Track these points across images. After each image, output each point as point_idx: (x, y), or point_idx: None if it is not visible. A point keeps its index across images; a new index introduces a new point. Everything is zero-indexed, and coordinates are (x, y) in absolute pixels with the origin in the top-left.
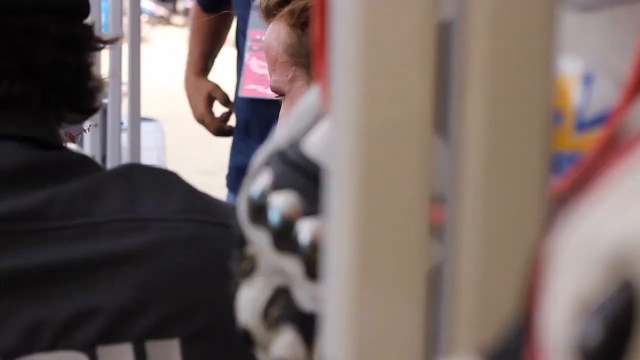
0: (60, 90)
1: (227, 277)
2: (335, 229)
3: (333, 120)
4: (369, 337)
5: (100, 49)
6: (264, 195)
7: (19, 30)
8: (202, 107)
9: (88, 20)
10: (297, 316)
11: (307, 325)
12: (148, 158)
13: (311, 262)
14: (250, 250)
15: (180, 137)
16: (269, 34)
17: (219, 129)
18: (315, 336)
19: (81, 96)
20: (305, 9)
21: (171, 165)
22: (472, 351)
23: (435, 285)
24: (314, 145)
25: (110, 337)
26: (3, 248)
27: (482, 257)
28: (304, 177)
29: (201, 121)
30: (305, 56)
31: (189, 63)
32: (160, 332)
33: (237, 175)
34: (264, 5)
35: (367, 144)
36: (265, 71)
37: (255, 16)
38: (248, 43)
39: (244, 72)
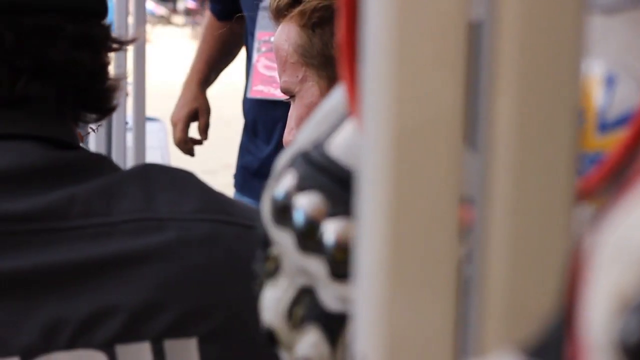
0: (76, 89)
1: (242, 276)
2: (366, 229)
3: (364, 121)
4: (400, 336)
5: (117, 49)
6: (288, 196)
7: (35, 29)
8: (181, 116)
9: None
10: (321, 316)
11: (331, 325)
12: (152, 157)
13: (336, 262)
14: (274, 250)
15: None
16: (278, 35)
17: (180, 143)
18: (339, 336)
19: (97, 96)
20: (316, 10)
21: (174, 165)
22: (501, 350)
23: (465, 285)
24: (338, 147)
25: (129, 335)
26: (22, 247)
27: (510, 257)
28: (328, 178)
29: (173, 125)
30: (316, 57)
31: (192, 68)
32: (178, 330)
33: (243, 174)
34: (274, 6)
35: (398, 144)
36: (273, 72)
37: (263, 17)
38: (256, 44)
39: (252, 73)
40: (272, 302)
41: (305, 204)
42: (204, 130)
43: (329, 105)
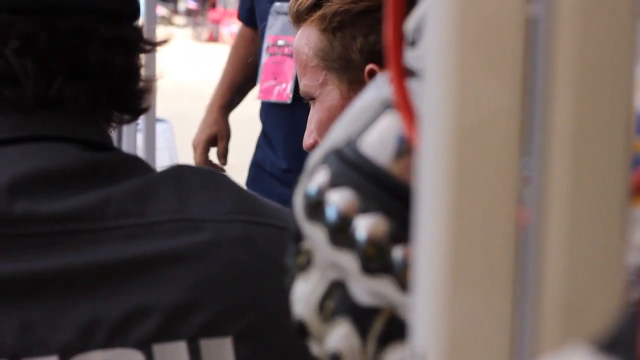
0: (109, 91)
1: (275, 276)
2: (426, 230)
3: (424, 118)
4: (459, 334)
5: (149, 51)
6: (321, 192)
7: (69, 31)
8: (200, 140)
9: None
10: (352, 309)
11: (362, 318)
12: (161, 158)
13: (367, 257)
14: (306, 245)
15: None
16: (299, 39)
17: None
18: (369, 329)
19: (130, 97)
20: (336, 14)
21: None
22: (558, 349)
23: (522, 285)
24: (370, 144)
25: (165, 335)
26: (59, 247)
27: (566, 257)
28: (360, 174)
29: (193, 148)
30: (336, 60)
31: (216, 91)
32: (213, 329)
33: (253, 169)
34: (294, 10)
35: (457, 143)
36: (276, 76)
37: (272, 20)
38: (264, 47)
39: (260, 75)
40: (304, 295)
41: (338, 200)
42: (222, 155)
43: (361, 104)
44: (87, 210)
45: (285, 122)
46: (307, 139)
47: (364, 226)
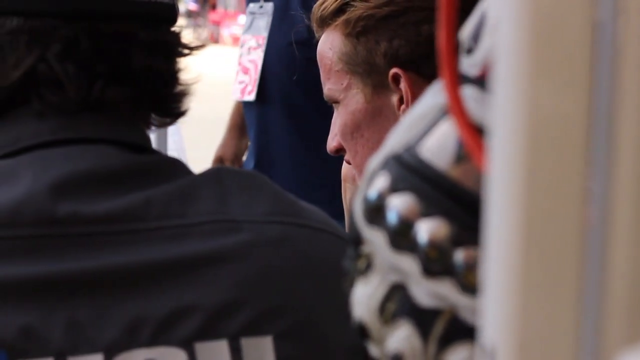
0: (149, 94)
1: (313, 277)
2: (497, 229)
3: (494, 118)
4: (529, 330)
5: (187, 55)
6: (381, 197)
7: (110, 36)
8: (213, 161)
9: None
10: (413, 311)
11: (423, 320)
12: None
13: (428, 260)
14: (366, 249)
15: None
16: (322, 43)
17: None
18: (431, 330)
19: (170, 100)
20: (360, 19)
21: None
22: (623, 347)
23: (588, 284)
24: (430, 149)
25: (207, 333)
26: (103, 247)
27: (632, 258)
28: (420, 179)
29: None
30: (360, 64)
31: (231, 113)
32: (254, 329)
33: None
34: (318, 15)
35: (530, 138)
36: (246, 76)
37: (247, 20)
38: (240, 46)
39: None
40: (364, 298)
41: (399, 204)
42: None
43: (418, 110)
44: (130, 212)
45: (255, 120)
46: (331, 142)
47: (426, 230)
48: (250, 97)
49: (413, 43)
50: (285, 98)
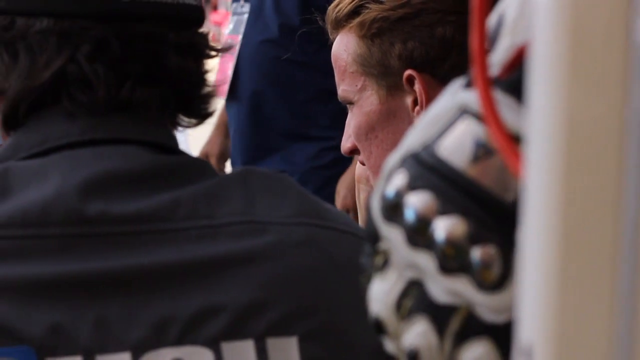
0: (178, 95)
1: (338, 278)
2: (534, 227)
3: (530, 124)
4: (566, 327)
5: (214, 56)
6: (399, 195)
7: (140, 37)
8: (202, 152)
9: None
10: (429, 307)
11: (439, 316)
12: None
13: (445, 257)
14: (383, 245)
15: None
16: (337, 45)
17: None
18: (447, 327)
19: (197, 101)
20: (375, 21)
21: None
22: None
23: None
24: (447, 148)
25: (233, 333)
26: (131, 247)
27: None
28: (438, 177)
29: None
30: (375, 66)
31: (223, 104)
32: (280, 329)
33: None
34: (332, 17)
35: (566, 144)
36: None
37: (233, 20)
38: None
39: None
40: (381, 294)
41: (416, 202)
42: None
43: (436, 110)
44: (158, 212)
45: (232, 119)
46: (345, 143)
47: (443, 227)
48: (223, 96)
49: (427, 45)
50: (254, 97)
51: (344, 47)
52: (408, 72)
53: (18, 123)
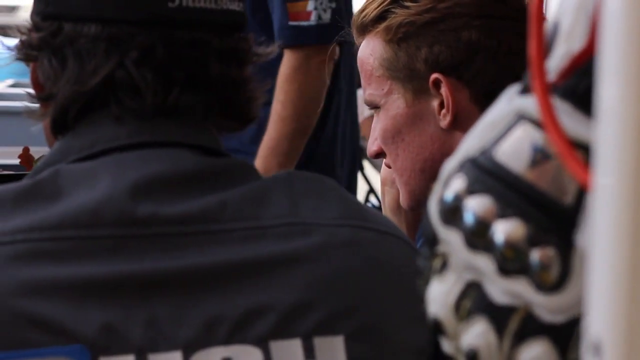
0: (222, 100)
1: (381, 278)
2: (603, 225)
3: (599, 131)
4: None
5: (257, 61)
6: (458, 199)
7: (185, 43)
8: None
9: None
10: (488, 308)
11: (498, 317)
12: None
13: (505, 259)
14: (441, 248)
15: None
16: (363, 49)
17: None
18: (506, 327)
19: (241, 106)
20: (401, 25)
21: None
22: None
23: None
24: (505, 153)
25: (282, 332)
26: (181, 248)
27: None
28: (497, 181)
29: None
30: (401, 70)
31: None
32: (326, 328)
33: None
34: (358, 22)
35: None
36: None
37: None
38: None
39: None
40: (440, 295)
41: (476, 205)
42: None
43: (492, 116)
44: (206, 213)
45: None
46: (371, 146)
47: (502, 230)
48: None
49: (453, 49)
50: None
51: (370, 51)
52: (434, 75)
53: (67, 127)
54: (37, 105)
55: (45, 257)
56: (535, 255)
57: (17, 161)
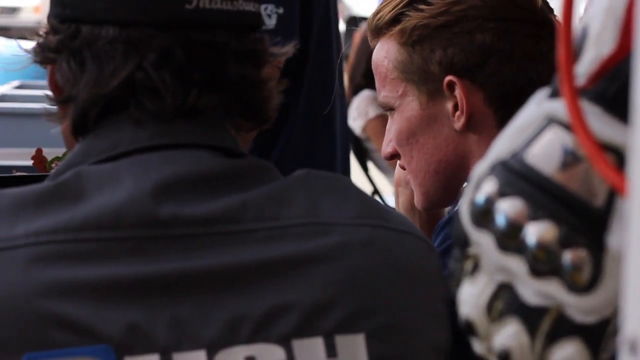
0: (240, 101)
1: (402, 278)
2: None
3: (635, 135)
4: None
5: (273, 61)
6: (489, 202)
7: (204, 45)
8: None
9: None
10: (521, 309)
11: (530, 317)
12: None
13: (536, 261)
14: (473, 250)
15: None
16: (377, 52)
17: None
18: (538, 327)
19: (258, 106)
20: (416, 28)
21: None
22: None
23: None
24: (536, 156)
25: (304, 331)
26: (203, 248)
27: None
28: (529, 184)
29: None
30: (416, 72)
31: None
32: (347, 327)
33: None
34: (373, 25)
35: None
36: None
37: None
38: None
39: None
40: (471, 297)
41: (507, 208)
42: None
43: (522, 120)
44: (227, 214)
45: None
46: (386, 148)
47: (534, 232)
48: None
49: (467, 51)
50: None
51: (385, 54)
52: (448, 77)
53: (87, 129)
54: (52, 107)
55: (68, 258)
56: (567, 257)
57: (30, 162)
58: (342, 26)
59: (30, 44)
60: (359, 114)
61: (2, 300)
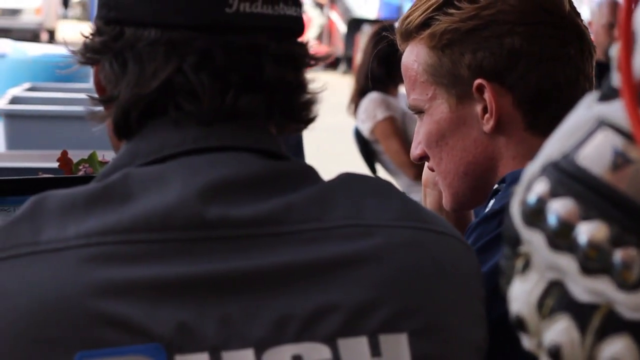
0: (280, 103)
1: (442, 278)
2: None
3: None
4: None
5: (314, 65)
6: (541, 201)
7: (243, 48)
8: None
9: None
10: (571, 306)
11: (581, 314)
12: None
13: (587, 259)
14: (524, 249)
15: None
16: (407, 55)
17: None
18: (589, 324)
19: (299, 109)
20: (445, 32)
21: None
22: None
23: None
24: (587, 157)
25: (349, 330)
26: (250, 249)
27: None
28: (580, 185)
29: None
30: (445, 76)
31: None
32: (390, 326)
33: None
34: (403, 29)
35: None
36: None
37: None
38: None
39: None
40: (522, 294)
41: (559, 207)
42: None
43: (572, 122)
44: (273, 215)
45: None
46: (415, 150)
47: (586, 232)
48: None
49: (496, 55)
50: None
51: (415, 57)
52: (478, 81)
53: (130, 131)
54: (54, 108)
55: (118, 259)
56: (618, 255)
57: (55, 164)
58: (343, 28)
59: (34, 46)
60: (367, 116)
61: (55, 301)
